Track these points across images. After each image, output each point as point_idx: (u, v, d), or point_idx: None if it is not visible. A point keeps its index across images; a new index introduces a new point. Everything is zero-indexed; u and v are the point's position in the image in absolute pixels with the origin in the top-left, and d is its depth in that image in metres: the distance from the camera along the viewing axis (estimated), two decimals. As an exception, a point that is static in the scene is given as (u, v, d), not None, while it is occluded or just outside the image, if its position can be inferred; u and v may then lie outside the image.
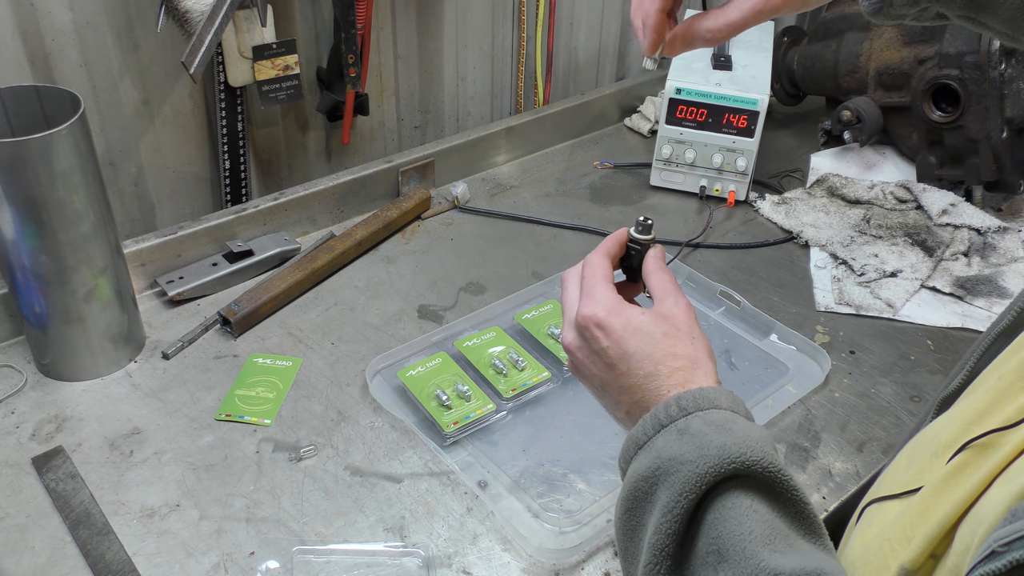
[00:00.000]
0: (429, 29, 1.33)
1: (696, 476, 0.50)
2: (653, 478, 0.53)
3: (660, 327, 0.61)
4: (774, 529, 0.50)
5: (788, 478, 0.52)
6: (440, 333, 1.02)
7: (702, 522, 0.51)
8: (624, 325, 0.61)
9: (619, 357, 0.61)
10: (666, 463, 0.52)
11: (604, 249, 0.69)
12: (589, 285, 0.65)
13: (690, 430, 0.53)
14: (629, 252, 0.71)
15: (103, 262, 0.91)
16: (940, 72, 1.25)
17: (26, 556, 0.76)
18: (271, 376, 0.96)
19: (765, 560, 0.47)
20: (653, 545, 0.51)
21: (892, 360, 1.04)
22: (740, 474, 0.51)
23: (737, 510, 0.50)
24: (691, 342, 0.61)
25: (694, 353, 0.60)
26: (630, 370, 0.60)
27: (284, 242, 1.15)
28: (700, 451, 0.52)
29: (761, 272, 1.19)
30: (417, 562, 0.76)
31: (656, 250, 0.69)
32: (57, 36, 0.98)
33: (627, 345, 0.61)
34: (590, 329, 0.63)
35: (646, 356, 0.60)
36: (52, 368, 0.94)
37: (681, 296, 0.65)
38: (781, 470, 0.51)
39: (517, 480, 0.85)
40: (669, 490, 0.51)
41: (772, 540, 0.49)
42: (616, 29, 1.62)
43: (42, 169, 0.82)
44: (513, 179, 1.40)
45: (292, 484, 0.84)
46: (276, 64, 1.09)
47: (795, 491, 0.52)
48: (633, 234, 0.70)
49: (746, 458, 0.51)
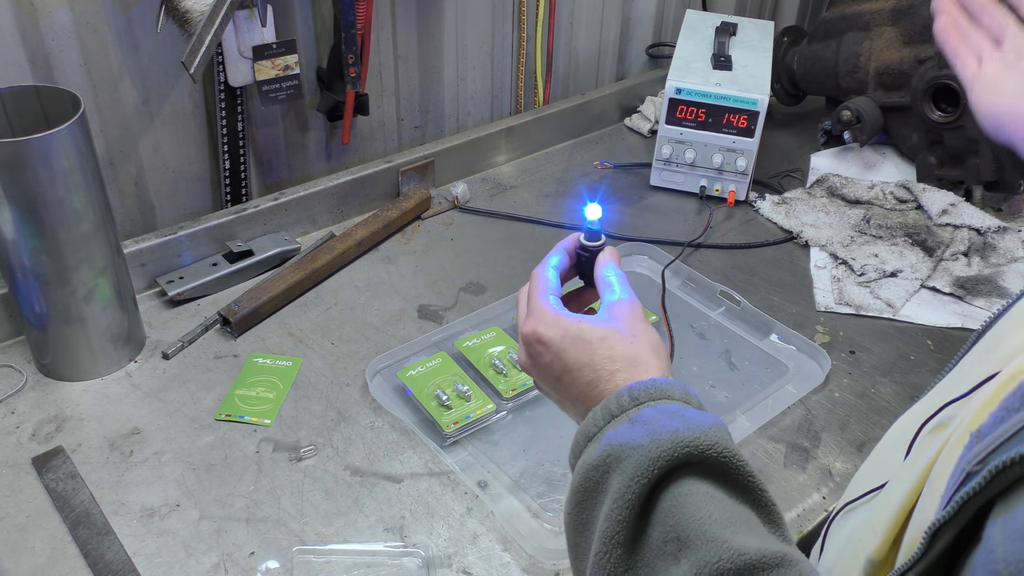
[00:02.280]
0: (429, 29, 1.32)
1: (648, 460, 0.49)
2: (604, 466, 0.52)
3: (597, 332, 0.60)
4: (735, 514, 0.49)
5: (743, 464, 0.51)
6: (440, 333, 1.02)
7: (655, 511, 0.49)
8: (562, 336, 0.60)
9: (562, 370, 0.60)
10: (617, 450, 0.51)
11: (548, 261, 0.68)
12: (531, 301, 0.64)
13: (642, 418, 0.52)
14: (580, 259, 0.69)
15: (103, 262, 0.91)
16: (940, 72, 1.25)
17: (26, 556, 0.76)
18: (271, 376, 0.96)
19: (728, 541, 0.46)
20: (603, 532, 0.50)
21: (892, 360, 1.04)
22: (694, 460, 0.50)
23: (694, 496, 0.49)
24: (630, 342, 0.59)
25: (633, 352, 0.59)
26: (574, 380, 0.60)
27: (284, 242, 1.15)
28: (652, 436, 0.50)
29: (761, 272, 1.19)
30: (417, 562, 0.76)
31: (607, 252, 0.68)
32: (57, 36, 0.98)
33: (567, 356, 0.60)
34: (533, 346, 0.62)
35: (585, 364, 0.59)
36: (52, 368, 0.94)
37: (626, 293, 0.63)
38: (737, 455, 0.50)
39: (517, 480, 0.85)
40: (620, 475, 0.50)
41: (733, 523, 0.48)
42: (616, 29, 1.62)
43: (42, 169, 0.82)
44: (513, 179, 1.40)
45: (292, 484, 0.84)
46: (276, 64, 1.09)
47: (751, 477, 0.51)
48: (582, 241, 0.69)
49: (700, 443, 0.50)
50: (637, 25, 1.65)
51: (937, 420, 0.51)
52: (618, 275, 0.66)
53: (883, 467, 0.57)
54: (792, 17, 1.91)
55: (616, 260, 0.67)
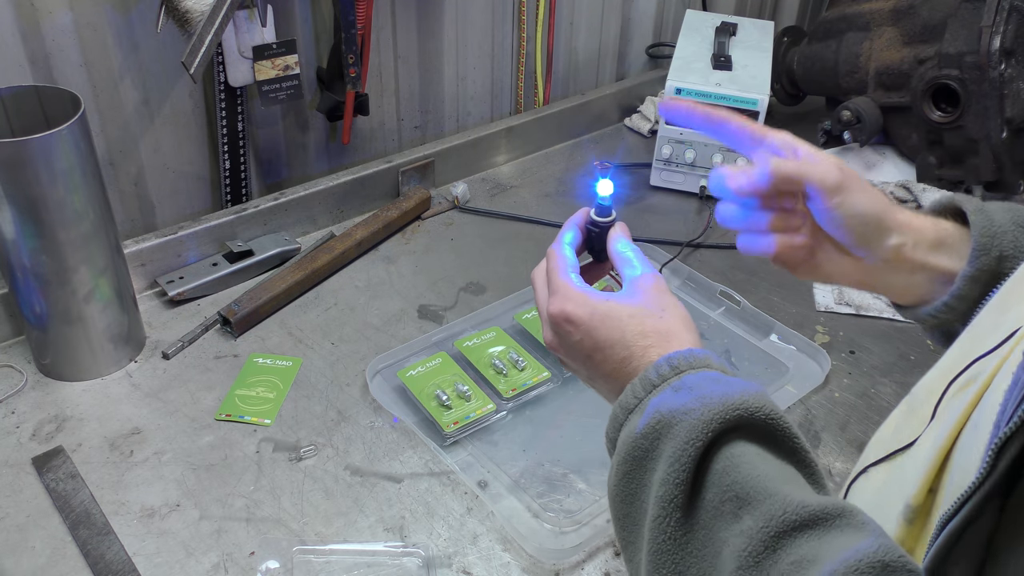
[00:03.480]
0: (429, 29, 1.32)
1: (702, 423, 0.50)
2: (654, 434, 0.52)
3: (626, 309, 0.60)
4: (786, 473, 0.50)
5: (789, 426, 0.51)
6: (440, 333, 1.02)
7: (709, 473, 0.50)
8: (590, 315, 0.61)
9: (593, 348, 0.61)
10: (667, 416, 0.52)
11: (562, 238, 0.68)
12: (552, 279, 0.65)
13: (686, 384, 0.53)
14: (590, 235, 0.69)
15: (103, 262, 0.91)
16: (940, 72, 1.25)
17: (26, 556, 0.76)
18: (271, 376, 0.96)
19: (790, 495, 0.47)
20: (661, 498, 0.50)
21: (892, 360, 1.04)
22: (743, 424, 0.50)
23: (747, 456, 0.50)
24: (659, 317, 0.60)
25: (663, 327, 0.59)
26: (606, 358, 0.60)
27: (284, 242, 1.15)
28: (702, 401, 0.51)
29: (761, 272, 1.19)
30: (417, 562, 0.76)
31: (618, 228, 0.68)
32: (57, 36, 0.98)
33: (597, 334, 0.60)
34: (561, 325, 0.62)
35: (616, 341, 0.59)
36: (52, 368, 0.94)
37: (647, 268, 0.64)
38: (783, 417, 0.51)
39: (517, 480, 0.85)
40: (674, 440, 0.51)
41: (788, 480, 0.49)
42: (616, 29, 1.62)
43: (42, 169, 0.82)
44: (513, 179, 1.40)
45: (292, 484, 0.84)
46: (276, 64, 1.09)
47: (797, 439, 0.52)
48: (593, 216, 0.69)
49: (749, 405, 0.50)
50: (637, 25, 1.65)
51: (965, 377, 0.52)
52: (634, 250, 0.66)
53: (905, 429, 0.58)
54: (792, 17, 1.91)
55: (628, 235, 0.68)
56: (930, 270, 0.65)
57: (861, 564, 0.41)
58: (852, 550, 0.42)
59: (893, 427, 0.61)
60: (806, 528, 0.45)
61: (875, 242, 0.64)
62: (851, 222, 0.64)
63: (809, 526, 0.45)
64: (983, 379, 0.48)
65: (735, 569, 0.46)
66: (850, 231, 0.64)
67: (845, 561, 0.42)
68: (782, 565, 0.44)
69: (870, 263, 0.66)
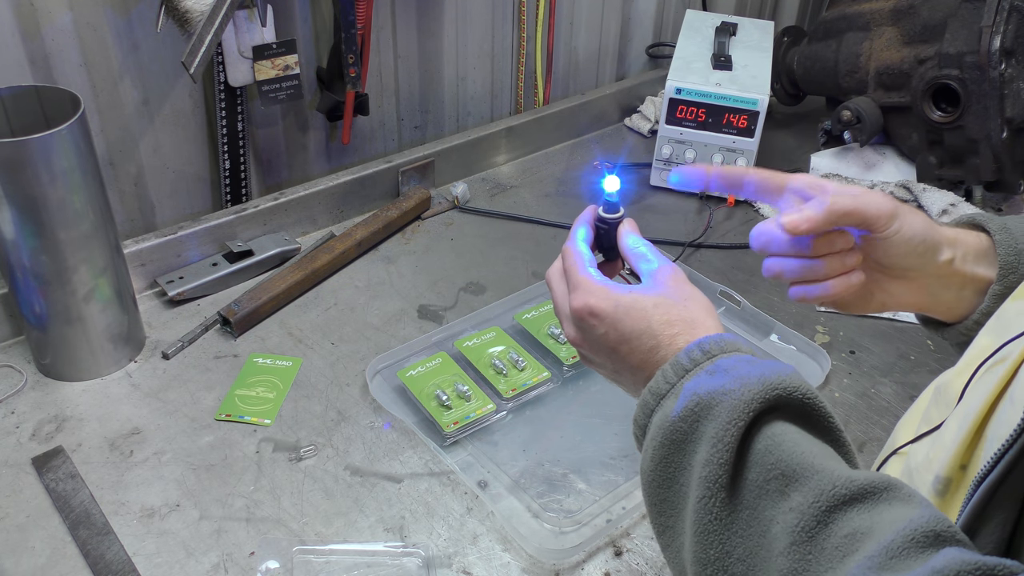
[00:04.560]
0: (429, 29, 1.32)
1: (743, 403, 0.50)
2: (692, 416, 0.52)
3: (649, 299, 0.61)
4: (826, 451, 0.50)
5: (824, 405, 0.52)
6: (440, 333, 1.02)
7: (750, 452, 0.50)
8: (615, 307, 0.61)
9: (619, 340, 0.61)
10: (705, 398, 0.52)
11: (576, 235, 0.69)
12: (572, 276, 0.65)
13: (721, 368, 0.53)
14: (599, 232, 0.69)
15: (103, 262, 0.91)
16: (940, 72, 1.25)
17: (26, 556, 0.76)
18: (271, 376, 0.96)
19: (836, 470, 0.47)
20: (705, 478, 0.50)
21: (892, 360, 1.04)
22: (781, 404, 0.51)
23: (788, 435, 0.50)
24: (684, 306, 0.60)
25: (689, 315, 0.60)
26: (633, 349, 0.60)
27: (284, 242, 1.15)
28: (741, 381, 0.51)
29: (761, 272, 1.19)
30: (417, 562, 0.76)
31: (627, 224, 0.68)
32: (57, 36, 0.98)
33: (623, 326, 0.61)
34: (585, 319, 0.63)
35: (643, 331, 0.60)
36: (52, 368, 0.94)
37: (663, 260, 0.64)
38: (818, 397, 0.52)
39: (517, 480, 0.85)
40: (715, 421, 0.51)
41: (830, 458, 0.49)
42: (616, 29, 1.62)
43: (42, 169, 0.82)
44: (513, 179, 1.40)
45: (292, 484, 0.84)
46: (276, 64, 1.09)
47: (832, 419, 0.52)
48: (601, 213, 0.69)
49: (787, 385, 0.51)
50: (637, 25, 1.65)
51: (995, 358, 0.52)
52: (648, 246, 0.66)
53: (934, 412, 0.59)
54: (792, 17, 1.91)
55: (637, 230, 0.68)
56: (978, 281, 0.67)
57: (916, 534, 0.42)
58: (905, 521, 0.43)
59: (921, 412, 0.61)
60: (856, 502, 0.46)
61: (929, 259, 0.66)
62: (909, 245, 0.65)
63: (859, 499, 0.46)
64: (1014, 358, 0.49)
65: (789, 545, 0.46)
66: (909, 253, 0.65)
67: (900, 532, 0.43)
68: (835, 538, 0.45)
69: (924, 282, 0.67)
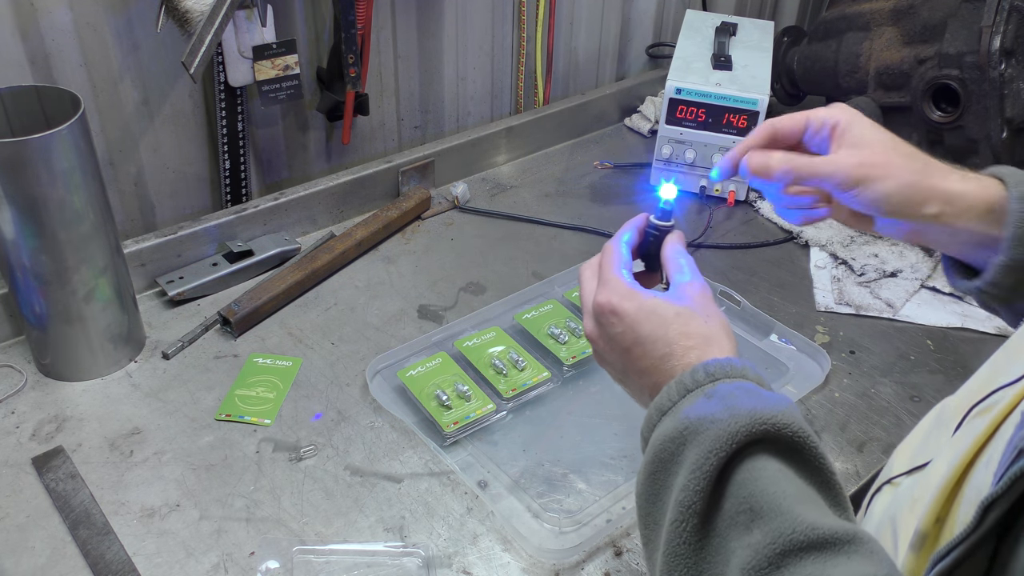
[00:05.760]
0: (429, 29, 1.32)
1: (727, 435, 0.50)
2: (680, 438, 0.53)
3: (672, 308, 0.61)
4: (805, 492, 0.50)
5: (816, 446, 0.51)
6: (440, 333, 1.02)
7: (729, 483, 0.50)
8: (637, 309, 0.62)
9: (634, 341, 0.61)
10: (695, 423, 0.52)
11: (621, 236, 0.69)
12: (604, 272, 0.66)
13: (718, 393, 0.53)
14: (647, 239, 0.70)
15: (103, 262, 0.91)
16: (940, 72, 1.25)
17: (26, 556, 0.76)
18: (271, 376, 0.96)
19: (802, 516, 0.47)
20: (680, 502, 0.50)
21: (892, 360, 1.04)
22: (769, 438, 0.51)
23: (768, 471, 0.50)
24: (704, 321, 0.61)
25: (707, 332, 0.60)
26: (645, 353, 0.61)
27: (284, 242, 1.15)
28: (730, 412, 0.51)
29: (761, 272, 1.19)
30: (417, 562, 0.76)
31: (675, 235, 0.69)
32: (57, 36, 0.98)
33: (640, 328, 0.61)
34: (605, 315, 0.63)
35: (659, 338, 0.60)
36: (52, 368, 0.94)
37: (697, 277, 0.65)
38: (811, 436, 0.51)
39: (517, 480, 0.85)
40: (698, 448, 0.51)
41: (805, 501, 0.49)
42: (616, 29, 1.62)
43: (42, 169, 0.82)
44: (513, 179, 1.40)
45: (292, 484, 0.84)
46: (276, 64, 1.09)
47: (823, 459, 0.52)
48: (652, 220, 0.69)
49: (777, 421, 0.50)
50: (637, 25, 1.65)
51: (985, 404, 0.52)
52: (688, 259, 0.67)
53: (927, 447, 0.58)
54: (792, 17, 1.91)
55: (683, 243, 0.69)
56: (976, 235, 0.66)
57: None
58: None
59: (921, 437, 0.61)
60: (813, 550, 0.45)
61: (908, 213, 0.66)
62: (875, 205, 0.66)
63: (816, 548, 0.45)
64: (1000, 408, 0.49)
65: None
66: (875, 211, 0.67)
67: None
68: None
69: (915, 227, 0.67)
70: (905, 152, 0.68)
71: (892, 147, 0.68)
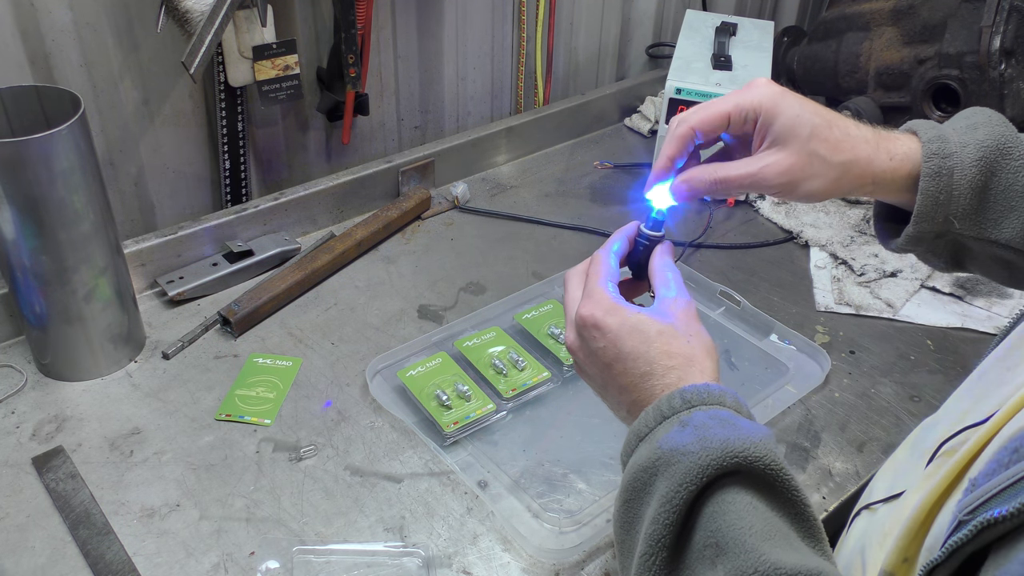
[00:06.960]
0: (429, 29, 1.33)
1: (697, 468, 0.50)
2: (653, 468, 0.53)
3: (655, 326, 0.61)
4: (774, 527, 0.49)
5: (789, 478, 0.51)
6: (440, 333, 1.02)
7: (700, 515, 0.50)
8: (620, 325, 0.61)
9: (615, 357, 0.61)
10: (667, 454, 0.52)
11: (610, 246, 0.69)
12: (590, 285, 0.65)
13: (693, 422, 0.53)
14: (637, 247, 0.70)
15: (103, 262, 0.91)
16: (940, 72, 1.25)
17: (26, 556, 0.76)
18: (271, 376, 0.96)
19: (765, 554, 0.46)
20: (650, 535, 0.50)
21: (892, 360, 1.04)
22: (742, 470, 0.50)
23: (737, 504, 0.49)
24: (687, 341, 0.60)
25: (689, 351, 0.60)
26: (626, 370, 0.60)
27: (284, 242, 1.15)
28: (703, 443, 0.51)
29: (761, 272, 1.19)
30: (417, 562, 0.76)
31: (664, 246, 0.69)
32: (57, 36, 0.98)
33: (622, 345, 0.61)
34: (588, 329, 0.63)
35: (640, 355, 0.60)
36: (52, 368, 0.94)
37: (682, 293, 0.64)
38: (784, 469, 0.51)
39: (517, 480, 0.85)
40: (669, 480, 0.51)
41: (772, 536, 0.48)
42: (616, 29, 1.62)
43: (42, 169, 0.82)
44: (513, 179, 1.40)
45: (292, 484, 0.84)
46: (276, 64, 1.09)
47: (796, 491, 0.51)
48: (643, 229, 0.69)
49: (749, 454, 0.50)
50: (637, 25, 1.65)
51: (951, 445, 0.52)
52: (675, 273, 0.66)
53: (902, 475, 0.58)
54: (792, 17, 1.91)
55: (672, 255, 0.68)
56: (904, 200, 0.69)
57: None
58: None
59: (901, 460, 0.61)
60: None
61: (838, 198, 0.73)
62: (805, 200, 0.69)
63: None
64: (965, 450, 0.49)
65: None
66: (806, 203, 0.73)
67: None
68: None
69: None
70: (831, 140, 0.65)
71: (817, 136, 0.65)
